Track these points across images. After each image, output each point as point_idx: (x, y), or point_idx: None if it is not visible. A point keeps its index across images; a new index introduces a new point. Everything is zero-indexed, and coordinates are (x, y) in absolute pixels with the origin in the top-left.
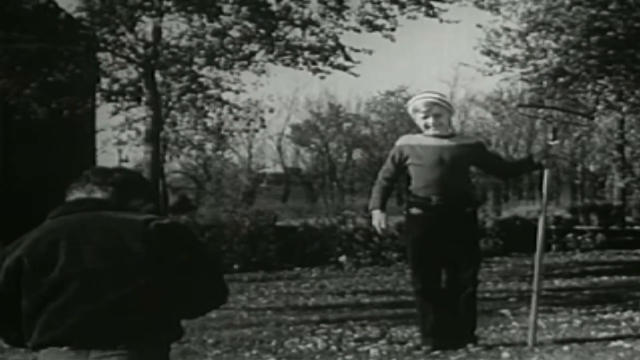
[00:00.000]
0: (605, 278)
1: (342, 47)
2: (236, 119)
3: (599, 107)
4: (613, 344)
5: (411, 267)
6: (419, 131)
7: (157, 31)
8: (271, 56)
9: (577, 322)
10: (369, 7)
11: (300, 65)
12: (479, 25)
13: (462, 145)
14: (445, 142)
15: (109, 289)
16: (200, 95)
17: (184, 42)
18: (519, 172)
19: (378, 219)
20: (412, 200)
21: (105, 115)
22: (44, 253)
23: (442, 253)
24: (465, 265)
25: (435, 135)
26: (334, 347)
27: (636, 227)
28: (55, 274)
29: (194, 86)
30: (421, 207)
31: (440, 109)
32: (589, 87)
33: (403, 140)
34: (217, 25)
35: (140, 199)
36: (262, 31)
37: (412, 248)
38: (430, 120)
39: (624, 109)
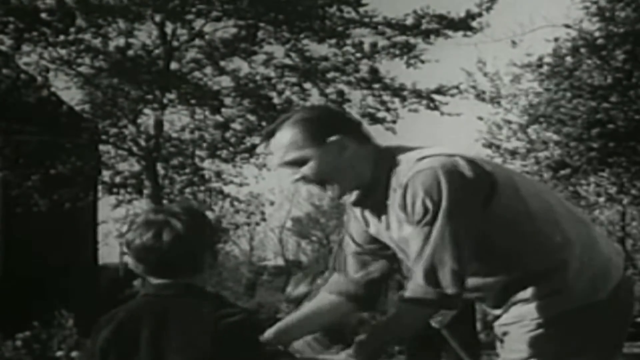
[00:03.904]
0: None
1: None
2: (237, 211)
3: (600, 200)
4: None
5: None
6: None
7: (159, 124)
8: None
9: None
10: (370, 100)
11: None
12: (480, 118)
13: None
14: None
15: None
16: (202, 188)
17: (186, 135)
18: None
19: None
20: None
21: (107, 208)
22: (128, 341)
23: None
24: None
25: None
26: None
27: (639, 319)
28: None
29: (195, 179)
30: None
31: None
32: (591, 179)
33: None
34: (219, 118)
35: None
36: (263, 124)
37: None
38: None
39: (625, 201)
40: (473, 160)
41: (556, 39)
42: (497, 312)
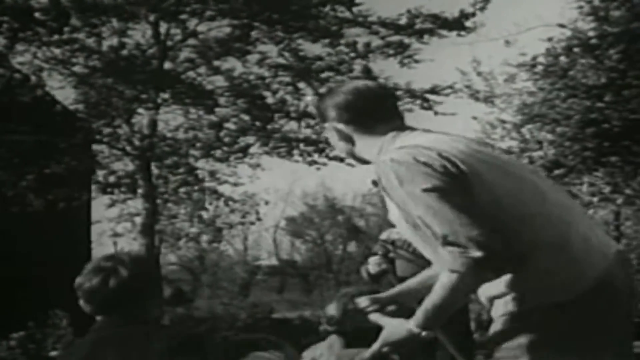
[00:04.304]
0: None
1: None
2: (232, 211)
3: (595, 200)
4: None
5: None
6: None
7: (153, 123)
8: (267, 148)
9: None
10: None
11: (296, 157)
12: (475, 117)
13: None
14: None
15: None
16: (196, 188)
17: (180, 135)
18: None
19: None
20: None
21: (101, 208)
22: None
23: None
24: None
25: None
26: None
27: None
28: None
29: (190, 178)
30: None
31: None
32: (585, 179)
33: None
34: (213, 117)
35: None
36: (258, 124)
37: None
38: None
39: (620, 201)
40: (448, 156)
41: (550, 39)
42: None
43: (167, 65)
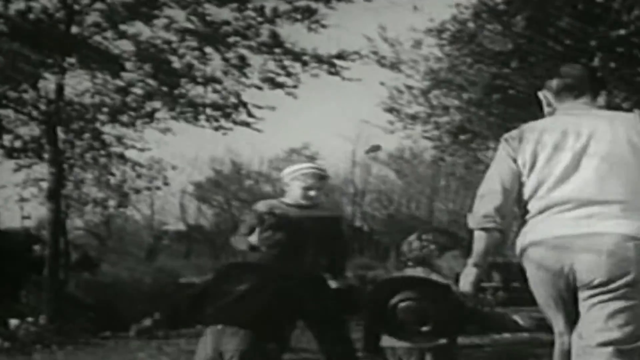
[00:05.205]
0: (507, 335)
1: (244, 104)
2: (139, 176)
3: None
4: None
5: None
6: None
7: (60, 88)
8: (173, 113)
9: None
10: (271, 64)
11: (202, 122)
12: (382, 83)
13: (321, 217)
14: (306, 212)
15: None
16: (102, 152)
17: (86, 99)
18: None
19: None
20: None
21: (6, 172)
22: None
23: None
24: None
25: (298, 205)
26: None
27: None
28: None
29: (96, 143)
30: None
31: (318, 181)
32: (491, 144)
33: (262, 207)
34: (119, 82)
35: None
36: (164, 88)
37: None
38: (304, 192)
39: None
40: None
41: (457, 5)
42: None
43: (74, 29)
